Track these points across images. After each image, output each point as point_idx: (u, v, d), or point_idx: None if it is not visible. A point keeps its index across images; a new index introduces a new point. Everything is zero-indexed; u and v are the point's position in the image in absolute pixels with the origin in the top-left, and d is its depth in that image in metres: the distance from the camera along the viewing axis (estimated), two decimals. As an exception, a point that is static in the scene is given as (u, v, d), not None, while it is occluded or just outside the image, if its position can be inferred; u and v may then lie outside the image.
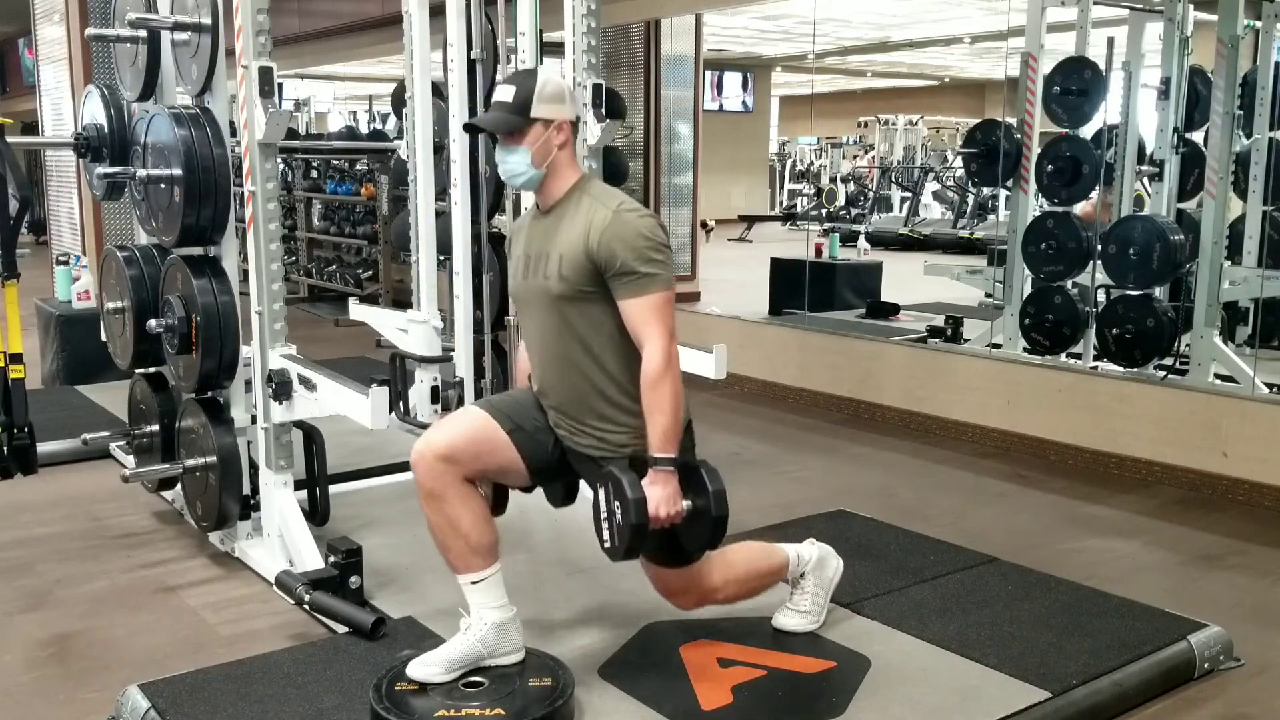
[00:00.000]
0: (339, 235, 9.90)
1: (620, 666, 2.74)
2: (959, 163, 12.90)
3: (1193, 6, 5.34)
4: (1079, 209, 5.65)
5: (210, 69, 3.41)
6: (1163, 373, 5.11)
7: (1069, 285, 5.52)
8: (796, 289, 7.21)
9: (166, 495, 4.15)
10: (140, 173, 3.52)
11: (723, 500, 2.45)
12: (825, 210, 15.32)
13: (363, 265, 9.48)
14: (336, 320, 8.69)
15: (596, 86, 3.77)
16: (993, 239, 7.97)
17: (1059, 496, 4.44)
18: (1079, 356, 5.60)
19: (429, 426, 3.16)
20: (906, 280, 8.39)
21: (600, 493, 2.45)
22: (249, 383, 3.57)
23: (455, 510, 2.50)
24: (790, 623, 2.93)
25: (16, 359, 3.51)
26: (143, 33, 3.59)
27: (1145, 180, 5.71)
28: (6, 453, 3.52)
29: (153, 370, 3.95)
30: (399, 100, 4.53)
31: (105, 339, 4.08)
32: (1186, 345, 5.12)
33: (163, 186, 3.47)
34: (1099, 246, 5.33)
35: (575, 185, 2.57)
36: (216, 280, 3.45)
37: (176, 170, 3.37)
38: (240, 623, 3.16)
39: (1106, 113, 5.55)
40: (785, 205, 18.11)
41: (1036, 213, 5.70)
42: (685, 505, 2.45)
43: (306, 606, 3.03)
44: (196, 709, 2.52)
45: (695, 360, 3.57)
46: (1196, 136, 5.59)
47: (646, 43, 7.69)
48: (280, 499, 3.41)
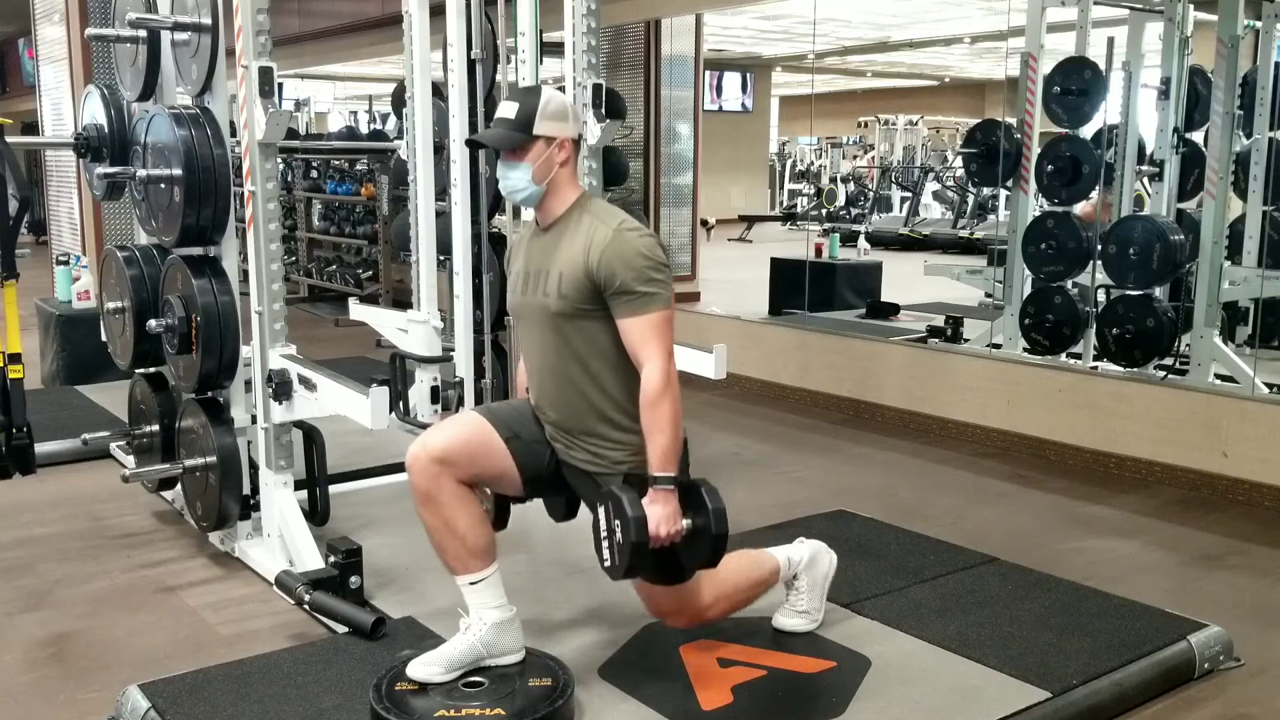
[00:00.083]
0: (339, 235, 9.90)
1: (620, 666, 2.74)
2: (959, 163, 12.91)
3: (1193, 6, 5.34)
4: (1079, 209, 5.65)
5: (210, 69, 3.41)
6: (1163, 373, 5.11)
7: (1069, 285, 5.52)
8: (796, 289, 7.21)
9: (166, 495, 4.15)
10: (140, 173, 3.52)
11: (723, 518, 2.44)
12: (825, 210, 15.32)
13: (363, 265, 9.49)
14: (336, 320, 8.69)
15: (596, 86, 3.77)
16: (993, 239, 7.97)
17: (1059, 496, 4.44)
18: (1079, 356, 5.60)
19: (429, 426, 3.17)
20: (906, 280, 8.39)
21: (600, 511, 2.45)
22: (249, 383, 3.57)
23: (451, 512, 2.50)
24: (790, 623, 2.93)
25: (15, 359, 3.51)
26: (143, 33, 3.59)
27: (1145, 180, 5.71)
28: (5, 453, 3.52)
29: (153, 370, 3.95)
30: (399, 100, 4.54)
31: (105, 339, 4.08)
32: (1186, 345, 5.12)
33: (163, 186, 3.47)
34: (1099, 246, 5.33)
35: (576, 203, 2.58)
36: (216, 280, 3.45)
37: (176, 170, 3.37)
38: (240, 623, 3.16)
39: (1106, 113, 5.55)
40: (785, 205, 18.11)
41: (1036, 213, 5.70)
42: (685, 524, 2.45)
43: (306, 606, 3.04)
44: (196, 709, 2.52)
45: (695, 360, 3.56)
46: (1196, 136, 5.59)
47: (646, 43, 7.69)
48: (280, 499, 3.41)
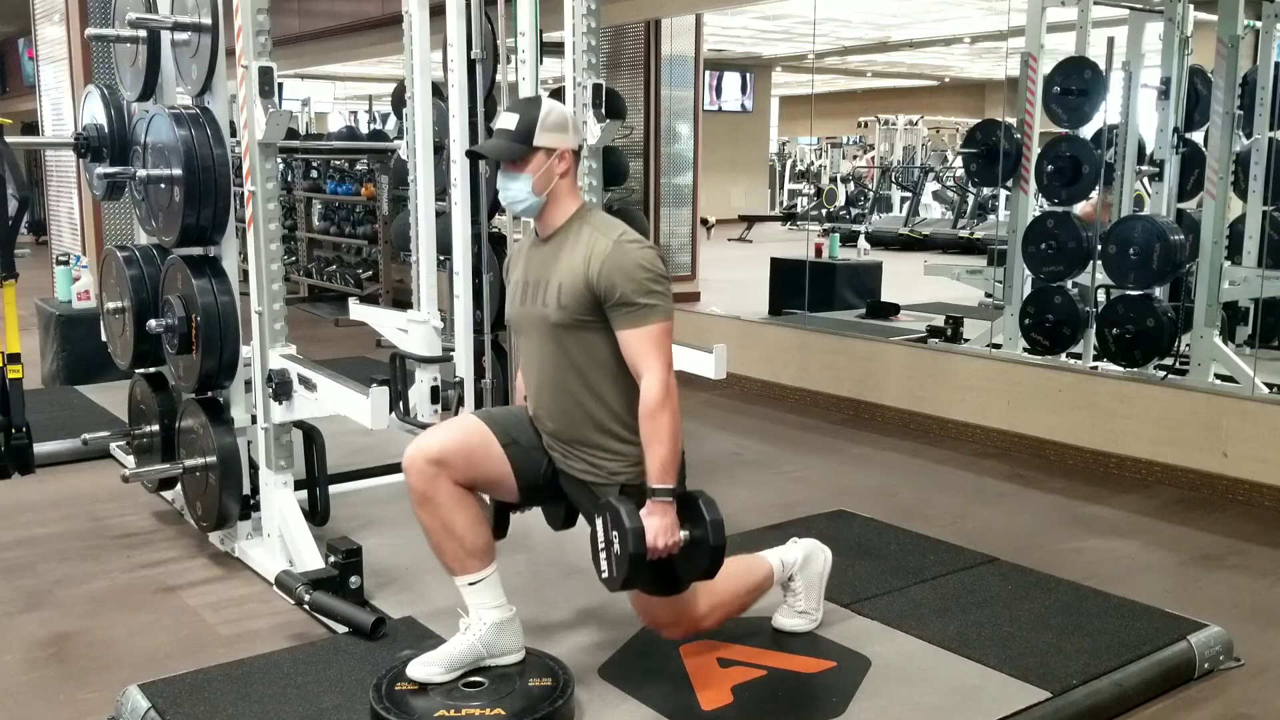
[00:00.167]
0: (339, 235, 9.90)
1: (620, 666, 2.74)
2: (959, 163, 12.91)
3: (1193, 6, 5.34)
4: (1079, 209, 5.65)
5: (210, 69, 3.41)
6: (1163, 373, 5.11)
7: (1069, 285, 5.52)
8: (796, 289, 7.21)
9: (166, 495, 4.15)
10: (140, 173, 3.52)
11: (720, 530, 2.44)
12: (825, 210, 15.32)
13: (363, 265, 9.48)
14: (336, 320, 8.69)
15: (596, 86, 3.77)
16: (993, 239, 7.97)
17: (1059, 496, 4.44)
18: (1079, 356, 5.60)
19: (429, 426, 3.16)
20: (906, 280, 8.39)
21: (598, 523, 2.45)
22: (249, 383, 3.57)
23: (448, 513, 2.50)
24: (789, 623, 2.93)
25: (14, 359, 3.51)
26: (143, 33, 3.59)
27: (1145, 180, 5.71)
28: (4, 453, 3.52)
29: (153, 370, 3.95)
30: (399, 100, 4.54)
31: (105, 339, 4.08)
32: (1186, 345, 5.12)
33: (163, 186, 3.47)
34: (1099, 246, 5.33)
35: (576, 214, 2.57)
36: (216, 280, 3.45)
37: (176, 170, 3.37)
38: (240, 623, 3.16)
39: (1106, 113, 5.55)
40: (785, 205, 18.11)
41: (1036, 213, 5.70)
42: (683, 535, 2.45)
43: (306, 606, 3.03)
44: (196, 709, 2.52)
45: (695, 360, 3.56)
46: (1196, 136, 5.59)
47: (646, 43, 7.69)
48: (280, 499, 3.41)
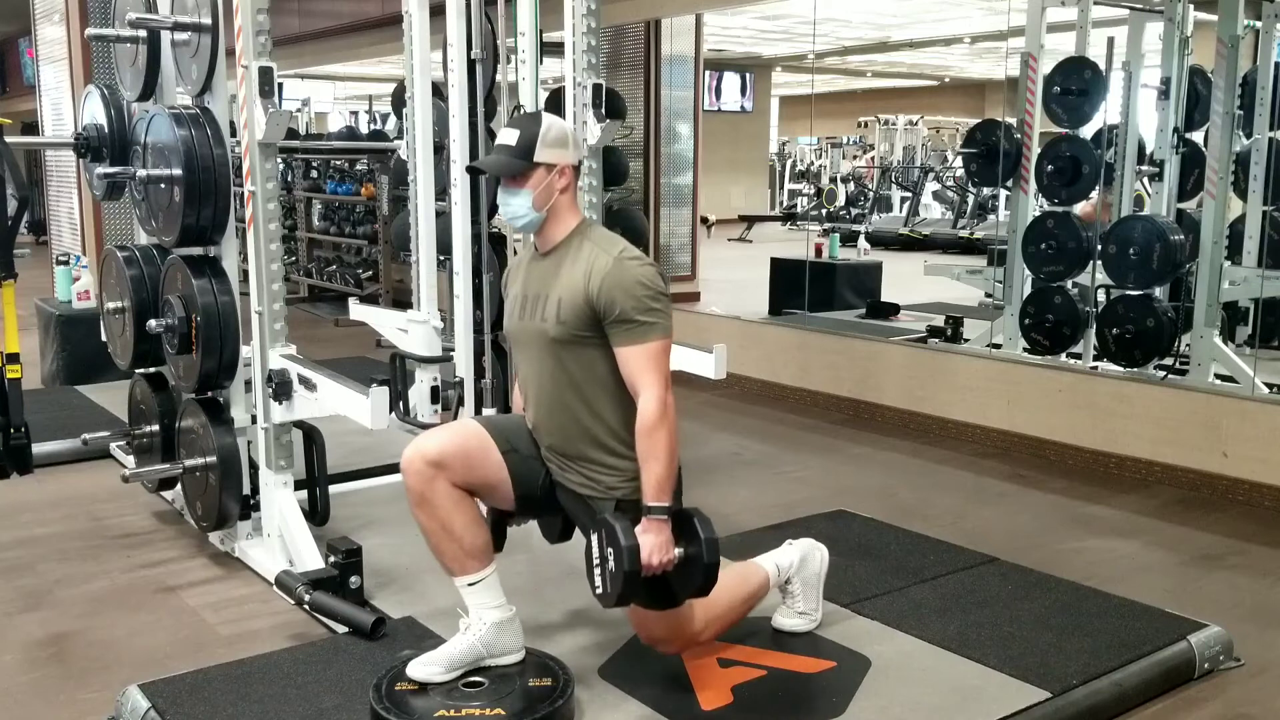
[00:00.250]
0: (339, 235, 9.90)
1: (620, 666, 2.74)
2: (959, 163, 12.90)
3: (1193, 6, 5.34)
4: (1079, 209, 5.65)
5: (210, 69, 3.41)
6: (1163, 373, 5.11)
7: (1069, 285, 5.52)
8: (796, 289, 7.21)
9: (166, 495, 4.15)
10: (140, 173, 3.52)
11: (715, 548, 2.44)
12: (825, 210, 15.31)
13: (363, 265, 9.48)
14: (336, 320, 8.69)
15: (596, 86, 3.77)
16: (993, 239, 7.97)
17: (1059, 496, 4.44)
18: (1079, 356, 5.60)
19: (429, 426, 3.16)
20: (906, 280, 8.39)
21: (593, 539, 2.45)
22: (249, 383, 3.57)
23: (446, 514, 2.50)
24: (789, 623, 2.93)
25: (13, 359, 3.50)
26: (143, 33, 3.59)
27: (1145, 180, 5.71)
28: (3, 452, 3.52)
29: (153, 370, 3.95)
30: (399, 100, 4.54)
31: (105, 339, 4.08)
32: (1186, 345, 5.12)
33: (163, 186, 3.47)
34: (1099, 246, 5.33)
35: (576, 229, 2.58)
36: (216, 280, 3.45)
37: (176, 170, 3.37)
38: (240, 623, 3.16)
39: (1106, 113, 5.55)
40: (785, 205, 18.10)
41: (1036, 213, 5.70)
42: (678, 553, 2.45)
43: (306, 606, 3.03)
44: (196, 709, 2.52)
45: (695, 360, 3.56)
46: (1196, 136, 5.59)
47: (646, 43, 7.69)
48: (280, 499, 3.41)
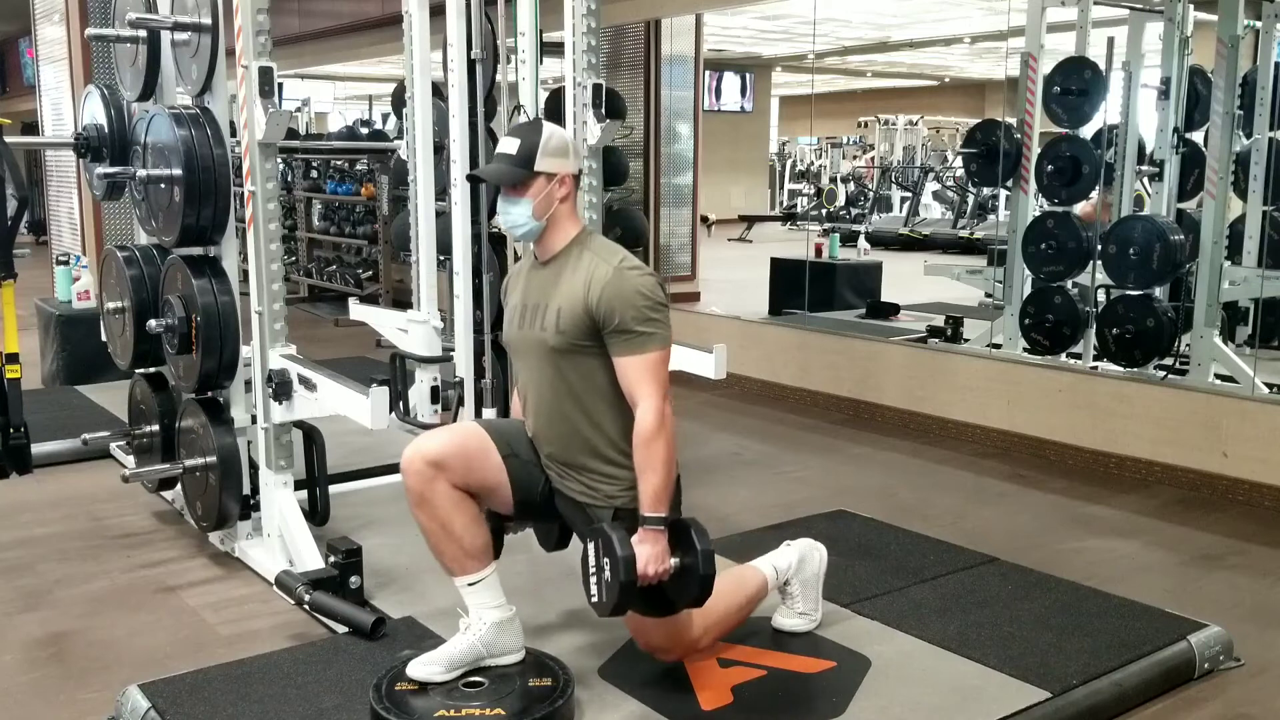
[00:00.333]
0: (339, 235, 9.90)
1: (620, 666, 2.74)
2: (959, 163, 12.90)
3: (1193, 6, 5.34)
4: (1079, 209, 5.65)
5: (210, 69, 3.41)
6: (1163, 373, 5.11)
7: (1069, 285, 5.52)
8: (796, 289, 7.21)
9: (166, 495, 4.15)
10: (140, 173, 3.52)
11: (710, 560, 2.45)
12: (825, 210, 15.31)
13: (363, 265, 9.48)
14: (336, 320, 8.69)
15: (596, 86, 3.77)
16: (993, 239, 7.97)
17: (1059, 496, 4.44)
18: (1079, 356, 5.60)
19: (429, 426, 3.16)
20: (906, 280, 8.38)
21: (589, 548, 2.46)
22: (249, 383, 3.57)
23: (446, 514, 2.50)
24: (789, 623, 2.93)
25: (13, 359, 3.50)
26: (143, 33, 3.59)
27: (1145, 180, 5.71)
28: (2, 452, 3.52)
29: (153, 370, 3.95)
30: (399, 100, 4.54)
31: (105, 339, 4.08)
32: (1186, 345, 5.12)
33: (163, 186, 3.47)
34: (1099, 246, 5.33)
35: (576, 238, 2.58)
36: (216, 280, 3.45)
37: (176, 170, 3.36)
38: (240, 623, 3.16)
39: (1106, 113, 5.55)
40: (785, 205, 18.10)
41: (1036, 213, 5.70)
42: (673, 563, 2.45)
43: (306, 606, 3.03)
44: (196, 709, 2.52)
45: (695, 360, 3.56)
46: (1196, 136, 5.59)
47: (646, 43, 7.69)
48: (280, 499, 3.41)
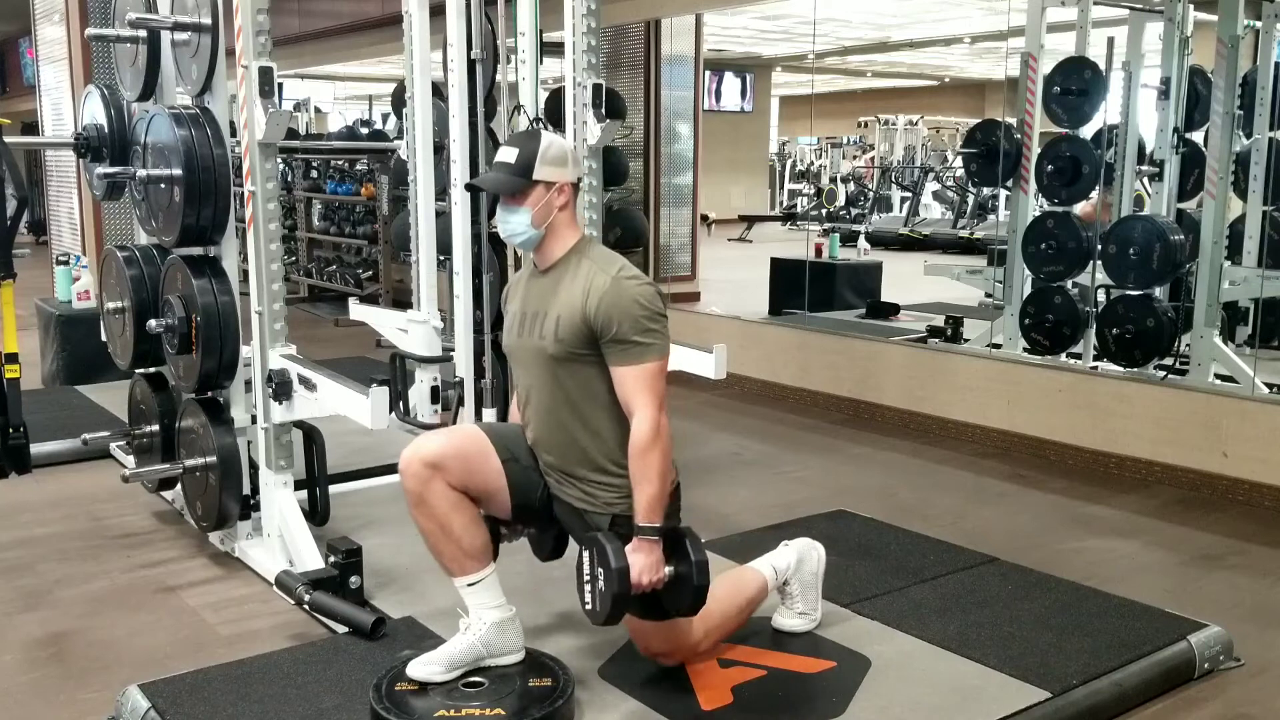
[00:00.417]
0: (339, 235, 9.90)
1: (620, 666, 2.74)
2: (959, 163, 12.90)
3: (1193, 6, 5.34)
4: (1079, 209, 5.65)
5: (210, 69, 3.41)
6: (1163, 373, 5.11)
7: (1069, 285, 5.52)
8: (796, 289, 7.21)
9: (166, 495, 4.15)
10: (140, 173, 3.52)
11: (704, 570, 2.45)
12: (825, 210, 15.31)
13: (363, 265, 9.48)
14: (336, 320, 8.69)
15: (596, 86, 3.77)
16: (993, 239, 7.97)
17: (1059, 496, 4.44)
18: (1079, 356, 5.60)
19: (429, 426, 3.16)
20: (906, 280, 8.38)
21: (584, 556, 2.46)
22: (249, 383, 3.57)
23: (445, 515, 2.50)
24: (788, 623, 2.93)
25: (13, 359, 3.50)
26: (143, 33, 3.59)
27: (1145, 180, 5.71)
28: (1, 452, 3.52)
29: (153, 370, 3.95)
30: (399, 100, 4.54)
31: (105, 339, 4.08)
32: (1186, 345, 5.12)
33: (163, 186, 3.47)
34: (1099, 246, 5.33)
35: (575, 247, 2.57)
36: (216, 280, 3.45)
37: (176, 170, 3.36)
38: (240, 623, 3.16)
39: (1106, 113, 5.55)
40: (785, 205, 18.10)
41: (1036, 213, 5.70)
42: (668, 572, 2.45)
43: (306, 606, 3.03)
44: (196, 709, 2.52)
45: (695, 360, 3.56)
46: (1196, 136, 5.59)
47: (646, 43, 7.69)
48: (280, 499, 3.41)
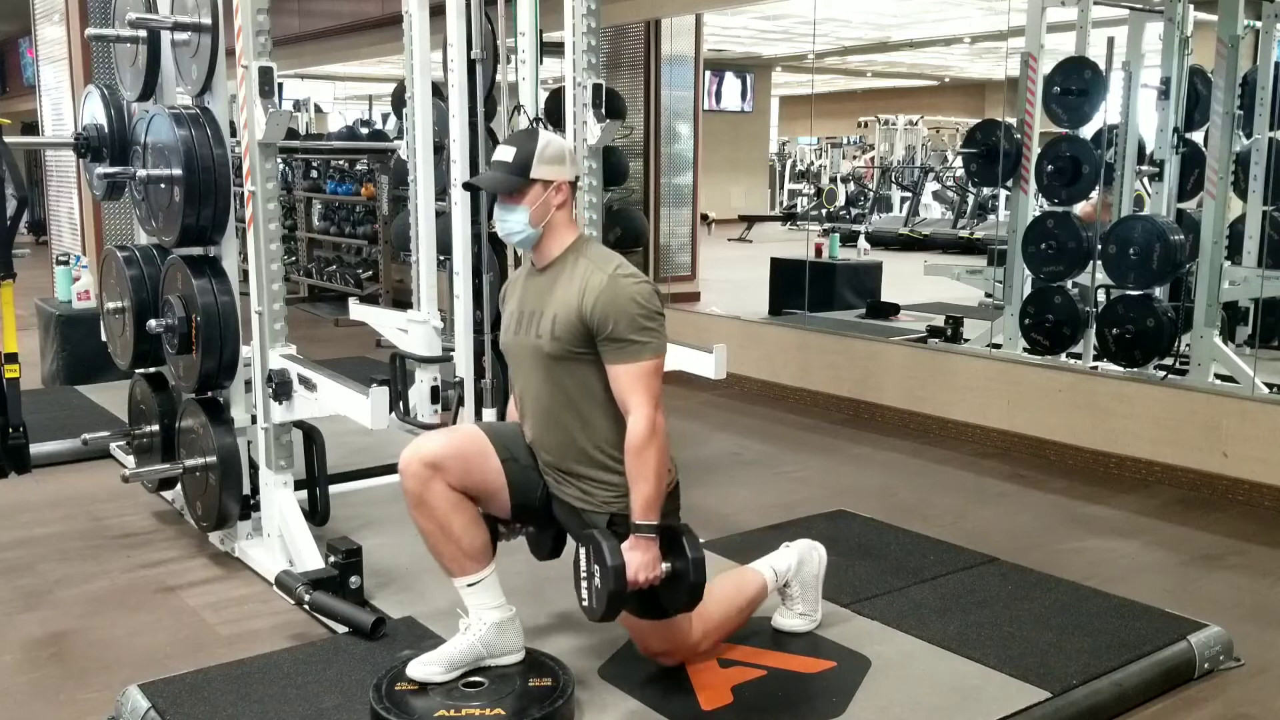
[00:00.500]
0: (339, 235, 9.90)
1: (620, 666, 2.74)
2: (959, 163, 12.90)
3: (1193, 6, 5.34)
4: (1079, 209, 5.65)
5: (210, 69, 3.41)
6: (1163, 373, 5.11)
7: (1069, 285, 5.52)
8: (796, 289, 7.21)
9: (166, 495, 4.15)
10: (140, 173, 3.52)
11: (701, 569, 2.45)
12: (825, 210, 15.31)
13: (363, 265, 9.49)
14: (336, 320, 8.69)
15: (596, 86, 3.77)
16: (993, 239, 7.97)
17: (1059, 496, 4.44)
18: (1079, 356, 5.60)
19: (429, 426, 3.16)
20: (906, 280, 8.39)
21: (581, 553, 2.46)
22: (249, 383, 3.57)
23: (444, 516, 2.50)
24: (789, 623, 2.93)
25: (12, 358, 3.50)
26: (143, 33, 3.59)
27: (1145, 180, 5.71)
28: (1, 452, 3.52)
29: (153, 370, 3.95)
30: (399, 100, 4.54)
31: (105, 339, 4.08)
32: (1186, 345, 5.12)
33: (163, 186, 3.47)
34: (1099, 246, 5.33)
35: (572, 246, 2.57)
36: (216, 280, 3.45)
37: (176, 170, 3.36)
38: (240, 623, 3.16)
39: (1106, 113, 5.55)
40: (785, 205, 18.10)
41: (1036, 213, 5.70)
42: (664, 568, 2.46)
43: (306, 606, 3.03)
44: (196, 709, 2.52)
45: (695, 360, 3.56)
46: (1196, 136, 5.59)
47: (646, 43, 7.69)
48: (280, 499, 3.41)
